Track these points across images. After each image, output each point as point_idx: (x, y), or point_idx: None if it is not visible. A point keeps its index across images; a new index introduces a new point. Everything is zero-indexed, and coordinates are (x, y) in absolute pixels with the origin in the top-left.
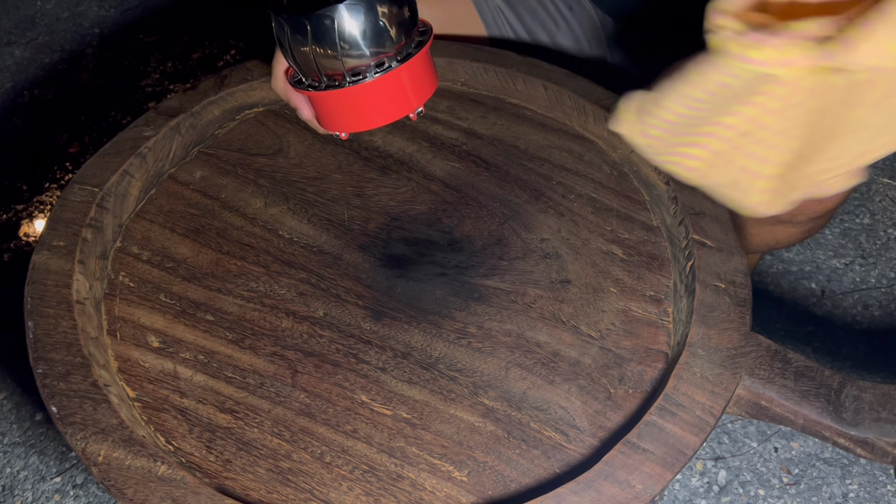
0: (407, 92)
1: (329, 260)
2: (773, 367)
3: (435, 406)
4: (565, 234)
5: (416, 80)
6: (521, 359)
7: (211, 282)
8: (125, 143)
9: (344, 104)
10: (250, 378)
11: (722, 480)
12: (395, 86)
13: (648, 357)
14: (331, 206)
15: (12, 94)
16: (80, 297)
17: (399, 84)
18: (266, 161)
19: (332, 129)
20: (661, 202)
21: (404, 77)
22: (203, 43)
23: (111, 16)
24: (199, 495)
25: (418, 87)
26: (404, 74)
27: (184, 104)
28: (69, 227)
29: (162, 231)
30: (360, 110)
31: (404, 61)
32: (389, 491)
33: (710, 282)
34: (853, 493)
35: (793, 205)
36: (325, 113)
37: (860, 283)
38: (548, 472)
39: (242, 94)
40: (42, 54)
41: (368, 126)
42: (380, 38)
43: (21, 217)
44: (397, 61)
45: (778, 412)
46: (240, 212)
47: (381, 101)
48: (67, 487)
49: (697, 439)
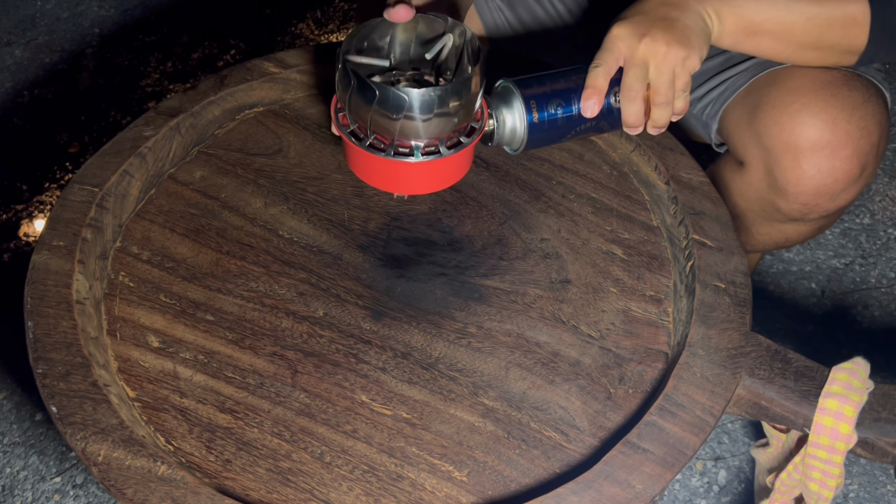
0: (440, 176)
1: (329, 260)
2: (774, 367)
3: (435, 406)
4: (565, 234)
5: (454, 167)
6: (521, 359)
7: (211, 282)
8: (125, 143)
9: (380, 166)
10: (250, 378)
11: (722, 480)
12: (432, 168)
13: (648, 357)
14: (331, 206)
15: (12, 94)
16: (80, 297)
17: (437, 168)
18: (266, 161)
19: (352, 168)
20: (661, 202)
21: (446, 164)
22: (203, 43)
23: (111, 16)
24: (199, 495)
25: (452, 174)
26: (446, 162)
27: (184, 104)
28: (69, 227)
29: (162, 231)
30: (390, 175)
31: (452, 149)
32: (389, 491)
33: (711, 282)
34: (853, 493)
35: None
36: (354, 157)
37: (860, 283)
38: (548, 472)
39: (242, 94)
40: (42, 54)
41: (386, 188)
42: (440, 130)
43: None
44: (446, 148)
45: (778, 412)
46: (240, 212)
47: (413, 176)
48: (67, 487)
49: (697, 439)
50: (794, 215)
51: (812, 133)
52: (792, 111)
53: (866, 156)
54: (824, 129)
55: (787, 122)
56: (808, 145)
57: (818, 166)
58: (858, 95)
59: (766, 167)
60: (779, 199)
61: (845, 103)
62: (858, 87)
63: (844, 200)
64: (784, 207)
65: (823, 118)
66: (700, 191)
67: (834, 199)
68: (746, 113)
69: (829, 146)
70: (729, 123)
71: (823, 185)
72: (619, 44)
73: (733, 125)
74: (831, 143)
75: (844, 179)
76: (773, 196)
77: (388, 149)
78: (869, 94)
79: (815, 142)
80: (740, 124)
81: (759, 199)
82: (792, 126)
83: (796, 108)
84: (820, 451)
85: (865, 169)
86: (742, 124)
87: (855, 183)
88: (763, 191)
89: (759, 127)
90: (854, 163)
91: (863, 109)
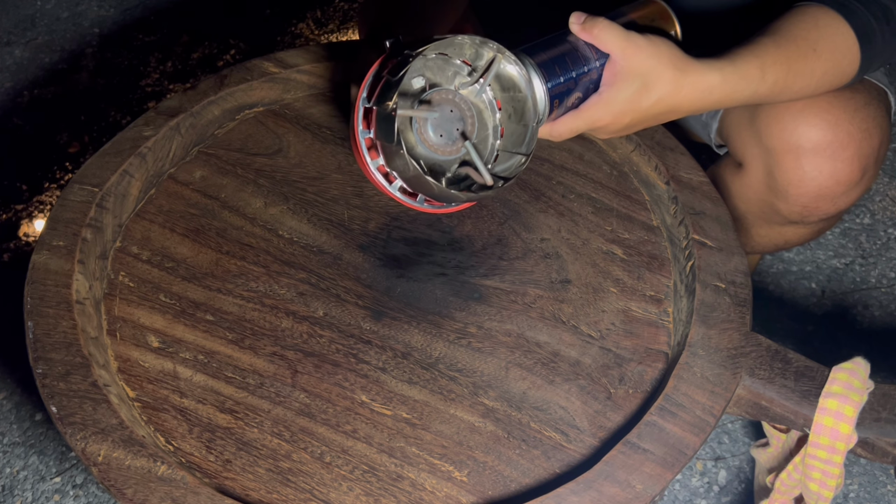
0: (446, 207)
1: (329, 260)
2: (774, 367)
3: (435, 406)
4: (565, 234)
5: (463, 207)
6: (521, 359)
7: (211, 282)
8: (125, 143)
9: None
10: (250, 378)
11: (722, 480)
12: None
13: (648, 357)
14: (331, 205)
15: (12, 94)
16: (79, 297)
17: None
18: (266, 161)
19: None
20: (661, 202)
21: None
22: (203, 43)
23: (111, 16)
24: (199, 495)
25: (456, 208)
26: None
27: (184, 104)
28: (69, 226)
29: (162, 231)
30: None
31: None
32: (389, 491)
33: (711, 282)
34: (853, 493)
35: None
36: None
37: (860, 283)
38: (548, 472)
39: (242, 93)
40: (42, 54)
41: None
42: (464, 190)
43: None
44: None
45: (778, 412)
46: (240, 212)
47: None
48: (67, 487)
49: (698, 439)
50: (794, 218)
51: (814, 134)
52: (794, 111)
53: (868, 158)
54: (826, 130)
55: (789, 121)
56: (809, 146)
57: (819, 168)
58: (861, 97)
59: (766, 168)
60: (779, 202)
61: (848, 105)
62: (861, 89)
63: (845, 203)
64: (784, 210)
65: (826, 119)
66: (700, 191)
67: (835, 201)
68: (747, 112)
69: (831, 148)
70: (729, 123)
71: (824, 187)
72: (611, 107)
73: (734, 125)
74: (833, 144)
75: (846, 182)
76: (774, 198)
77: (418, 199)
78: (871, 97)
79: (816, 143)
80: (741, 124)
81: (759, 202)
82: (794, 126)
83: (798, 108)
84: (820, 451)
85: (866, 172)
86: (743, 124)
87: (856, 186)
88: (763, 193)
89: (761, 126)
90: (855, 165)
91: (865, 111)
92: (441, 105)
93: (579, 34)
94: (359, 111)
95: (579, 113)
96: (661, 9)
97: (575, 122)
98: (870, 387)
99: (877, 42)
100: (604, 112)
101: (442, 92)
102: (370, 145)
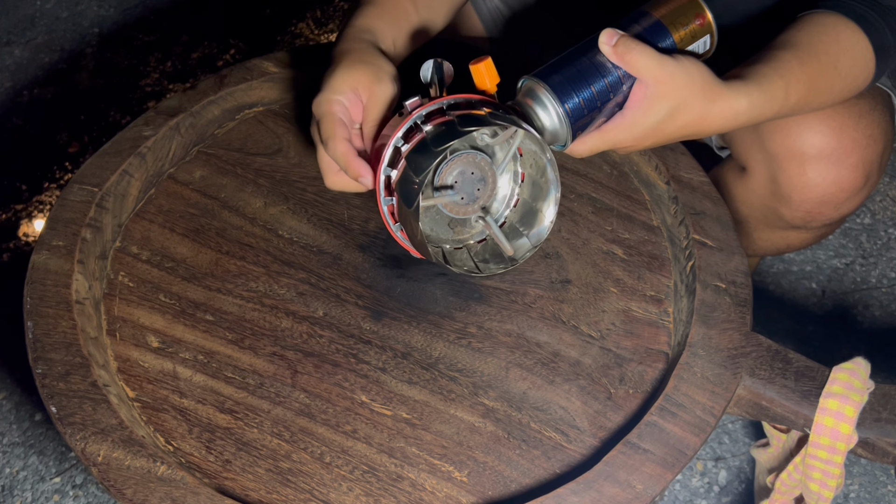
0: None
1: (329, 260)
2: (774, 368)
3: (435, 406)
4: (565, 234)
5: None
6: (521, 359)
7: (210, 282)
8: (125, 142)
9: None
10: (250, 378)
11: (722, 481)
12: None
13: (649, 357)
14: (331, 205)
15: (12, 94)
16: (79, 297)
17: None
18: (266, 161)
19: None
20: (661, 202)
21: None
22: (203, 43)
23: (111, 15)
24: (199, 495)
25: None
26: None
27: (183, 104)
28: (69, 226)
29: (161, 231)
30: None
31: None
32: (389, 491)
33: (711, 282)
34: (853, 493)
35: None
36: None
37: (860, 283)
38: (548, 472)
39: (242, 93)
40: (42, 54)
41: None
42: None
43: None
44: None
45: (778, 412)
46: (239, 212)
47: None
48: (67, 488)
49: (698, 439)
50: (796, 223)
51: (818, 140)
52: (798, 117)
53: (872, 164)
54: (831, 137)
55: (793, 127)
56: (813, 152)
57: (823, 174)
58: (865, 103)
59: (769, 173)
60: (782, 207)
61: (852, 110)
62: (865, 95)
63: (848, 209)
64: (787, 215)
65: (830, 125)
66: (700, 191)
67: (838, 207)
68: None
69: (836, 154)
70: None
71: (828, 193)
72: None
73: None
74: (837, 150)
75: (849, 188)
76: (776, 203)
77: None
78: (875, 102)
79: (821, 149)
80: (744, 129)
81: (762, 206)
82: (798, 132)
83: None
84: (820, 452)
85: (870, 178)
86: (746, 129)
87: (859, 192)
88: (766, 197)
89: (764, 132)
90: (859, 171)
91: (869, 117)
92: (463, 170)
93: (611, 57)
94: (380, 180)
95: (602, 134)
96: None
97: (595, 143)
98: (870, 387)
99: (891, 57)
100: (626, 135)
101: (464, 156)
102: (392, 211)
